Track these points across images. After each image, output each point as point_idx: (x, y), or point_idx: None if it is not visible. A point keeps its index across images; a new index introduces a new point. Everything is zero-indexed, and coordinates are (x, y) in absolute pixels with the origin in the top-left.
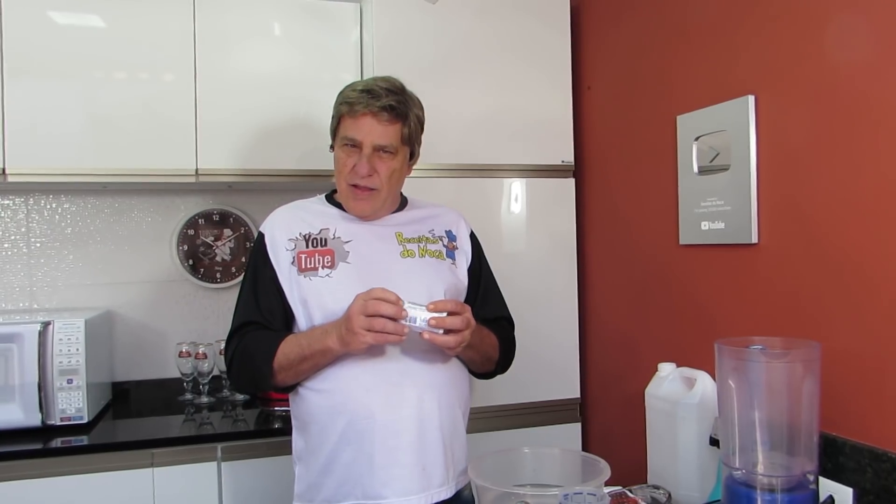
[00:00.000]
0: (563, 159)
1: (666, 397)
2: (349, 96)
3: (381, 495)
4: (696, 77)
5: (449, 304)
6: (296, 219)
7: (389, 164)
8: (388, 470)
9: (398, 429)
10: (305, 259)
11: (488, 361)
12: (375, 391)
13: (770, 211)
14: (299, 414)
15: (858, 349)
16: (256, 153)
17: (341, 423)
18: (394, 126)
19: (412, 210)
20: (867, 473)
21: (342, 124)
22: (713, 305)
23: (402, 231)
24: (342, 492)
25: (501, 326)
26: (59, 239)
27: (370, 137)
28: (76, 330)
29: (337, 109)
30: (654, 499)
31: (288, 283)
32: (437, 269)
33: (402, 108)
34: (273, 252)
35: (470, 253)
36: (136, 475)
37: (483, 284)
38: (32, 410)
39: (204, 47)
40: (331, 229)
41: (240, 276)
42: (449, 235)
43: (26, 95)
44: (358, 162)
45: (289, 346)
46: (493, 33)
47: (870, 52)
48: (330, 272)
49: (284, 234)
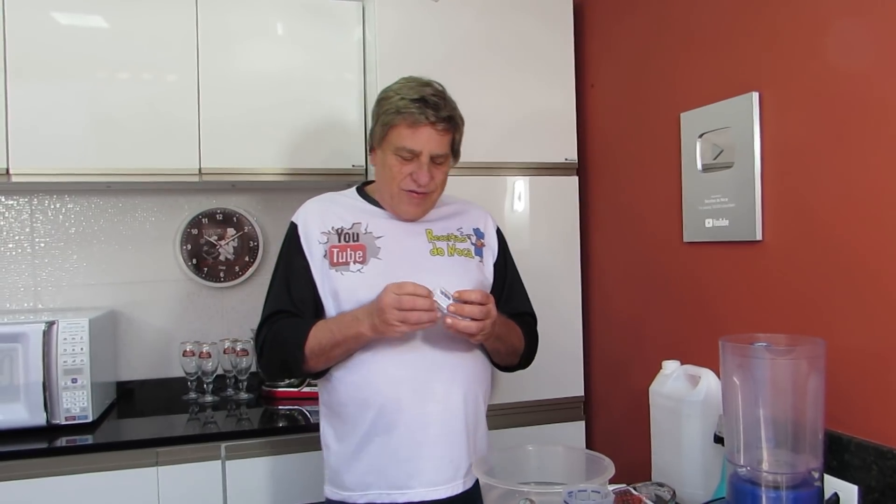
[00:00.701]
0: (566, 157)
1: (670, 395)
2: (403, 106)
3: (408, 485)
4: (699, 74)
5: (473, 294)
6: (328, 212)
7: (443, 170)
8: (414, 462)
9: (425, 422)
10: (338, 253)
11: (513, 353)
12: (403, 385)
13: (774, 208)
14: (329, 403)
15: (864, 346)
16: (259, 152)
17: (370, 415)
18: (448, 136)
19: (442, 207)
20: (872, 471)
21: (395, 133)
22: (717, 303)
23: (431, 228)
24: (368, 480)
25: (525, 321)
26: (63, 239)
27: (428, 147)
28: (80, 329)
29: (388, 118)
30: (658, 496)
31: (320, 276)
32: (465, 268)
33: (455, 118)
34: (306, 243)
35: (496, 250)
36: (141, 474)
37: (508, 280)
38: (37, 410)
39: (206, 47)
40: (363, 224)
41: (243, 275)
42: (477, 233)
43: (30, 96)
44: (417, 171)
45: (320, 332)
46: (496, 32)
47: (874, 49)
48: (361, 267)
49: (317, 227)
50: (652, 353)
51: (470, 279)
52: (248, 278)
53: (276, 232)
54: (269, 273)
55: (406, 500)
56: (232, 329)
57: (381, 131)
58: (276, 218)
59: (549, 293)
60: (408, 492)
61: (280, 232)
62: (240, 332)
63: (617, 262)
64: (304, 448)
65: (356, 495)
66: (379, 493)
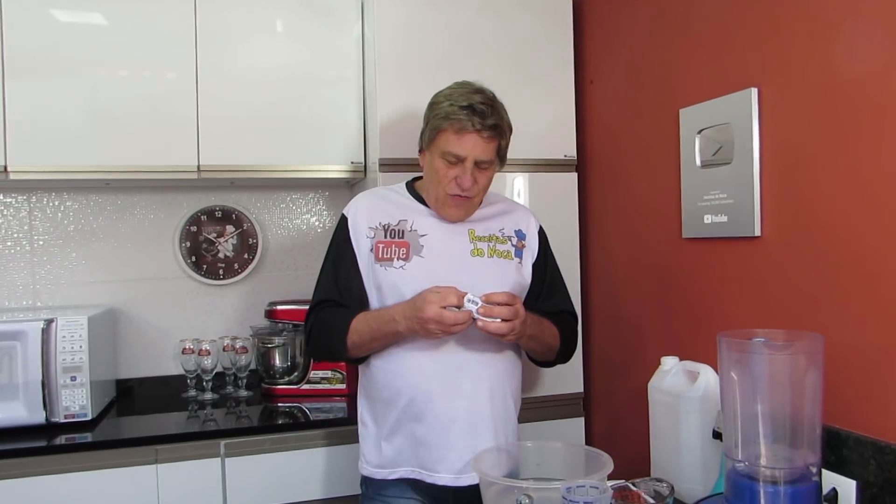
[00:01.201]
0: (565, 154)
1: (669, 391)
2: (452, 112)
3: (436, 469)
4: (698, 70)
5: (500, 295)
6: (377, 207)
7: (488, 175)
8: (441, 450)
9: (453, 415)
10: (383, 249)
11: (549, 351)
12: (434, 379)
13: (773, 204)
14: (367, 386)
15: (861, 342)
16: (258, 149)
17: (403, 402)
18: (494, 143)
19: (486, 207)
20: (871, 466)
21: (443, 138)
22: (716, 299)
23: (474, 228)
24: (401, 459)
25: (564, 319)
26: (61, 237)
27: (473, 153)
28: (79, 327)
29: (437, 122)
30: (657, 492)
31: (366, 268)
32: (503, 270)
33: (502, 126)
34: (355, 236)
35: (536, 250)
36: (140, 472)
37: (548, 279)
38: (36, 408)
39: (205, 44)
40: (409, 221)
41: (242, 273)
42: (518, 234)
43: (28, 93)
44: (461, 175)
45: (360, 325)
46: (495, 28)
47: (874, 45)
48: (404, 264)
49: (366, 221)
50: (651, 349)
51: (507, 281)
52: (247, 275)
53: (276, 229)
54: (268, 270)
55: (432, 481)
56: (231, 326)
57: (430, 135)
58: (275, 215)
59: None
60: (434, 475)
61: (279, 229)
62: (239, 330)
63: (616, 258)
64: (303, 445)
65: (386, 472)
66: (410, 469)
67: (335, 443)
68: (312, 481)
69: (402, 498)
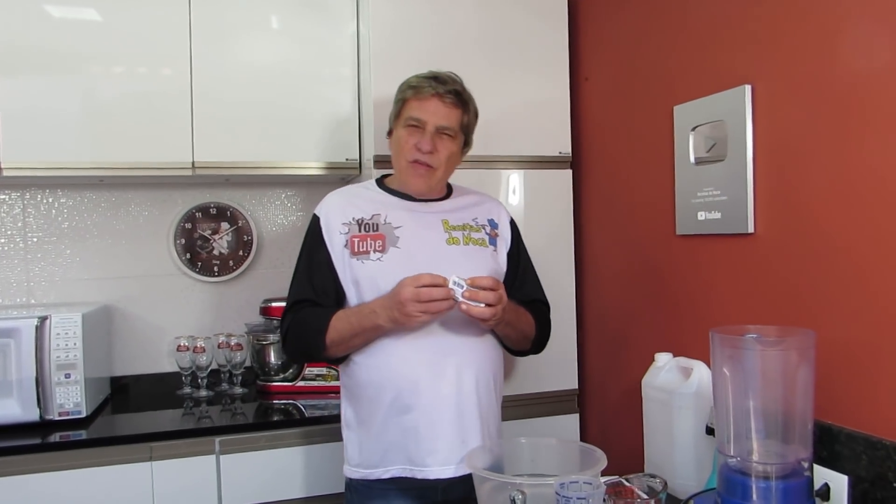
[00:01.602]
0: (560, 150)
1: (662, 387)
2: (414, 81)
3: (425, 463)
4: (692, 67)
5: (485, 280)
6: (349, 204)
7: (449, 146)
8: (430, 441)
9: (440, 404)
10: (358, 243)
11: (524, 339)
12: (419, 368)
13: (766, 201)
14: (350, 386)
15: (853, 338)
16: (253, 146)
17: (389, 397)
18: (456, 111)
19: (457, 198)
20: (862, 461)
21: (406, 107)
22: (710, 295)
23: (447, 218)
24: (389, 458)
25: (538, 308)
26: (55, 233)
27: (434, 118)
28: (73, 324)
29: (401, 94)
30: (650, 487)
31: (341, 265)
32: (479, 256)
33: (464, 96)
34: (328, 234)
35: (509, 239)
36: (135, 469)
37: (521, 268)
38: (30, 405)
39: (200, 40)
40: (382, 215)
41: (237, 270)
42: (491, 224)
43: (22, 89)
44: (421, 139)
45: (340, 323)
46: (490, 25)
47: (867, 42)
48: (381, 256)
49: (339, 218)
50: (645, 346)
51: (484, 267)
52: (242, 272)
53: (271, 226)
54: (263, 267)
55: (423, 476)
56: (226, 324)
57: (396, 109)
58: (270, 212)
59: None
60: (425, 469)
61: (274, 226)
62: (234, 327)
63: (610, 255)
64: (298, 442)
65: (379, 471)
66: (401, 468)
67: (330, 440)
68: (307, 478)
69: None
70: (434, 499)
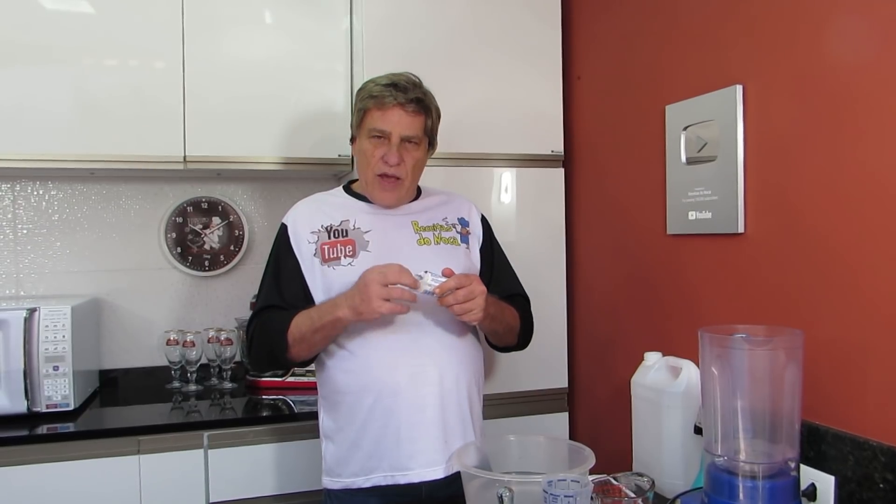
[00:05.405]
0: (552, 149)
1: (651, 386)
2: (375, 91)
3: (408, 467)
4: (684, 67)
5: (450, 282)
6: (318, 212)
7: (414, 155)
8: (413, 444)
9: (422, 405)
10: (328, 249)
11: (510, 332)
12: (399, 370)
13: (756, 201)
14: (327, 394)
15: (841, 338)
16: (245, 141)
17: (369, 401)
18: (419, 118)
19: (426, 198)
20: (849, 461)
21: (368, 117)
22: (700, 295)
23: (417, 220)
24: (370, 465)
25: (518, 302)
26: (45, 226)
27: (398, 128)
28: (62, 317)
29: (362, 103)
30: (637, 486)
31: (310, 273)
32: (452, 255)
33: (426, 101)
34: (296, 243)
35: (481, 236)
36: (123, 462)
37: (496, 264)
38: (18, 397)
39: (193, 33)
40: (351, 220)
41: (228, 265)
42: (462, 222)
43: (13, 81)
44: (388, 152)
45: (301, 319)
46: (484, 23)
47: (857, 42)
48: (352, 261)
49: (307, 227)
50: (634, 345)
51: (458, 265)
52: (233, 267)
53: (262, 221)
54: (254, 262)
55: (407, 480)
56: (216, 318)
57: (357, 118)
58: (261, 207)
59: (534, 285)
60: (408, 473)
61: (265, 221)
62: (224, 322)
63: (601, 254)
64: (287, 437)
65: (360, 480)
66: (383, 475)
67: (319, 435)
68: (295, 473)
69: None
70: (418, 500)
